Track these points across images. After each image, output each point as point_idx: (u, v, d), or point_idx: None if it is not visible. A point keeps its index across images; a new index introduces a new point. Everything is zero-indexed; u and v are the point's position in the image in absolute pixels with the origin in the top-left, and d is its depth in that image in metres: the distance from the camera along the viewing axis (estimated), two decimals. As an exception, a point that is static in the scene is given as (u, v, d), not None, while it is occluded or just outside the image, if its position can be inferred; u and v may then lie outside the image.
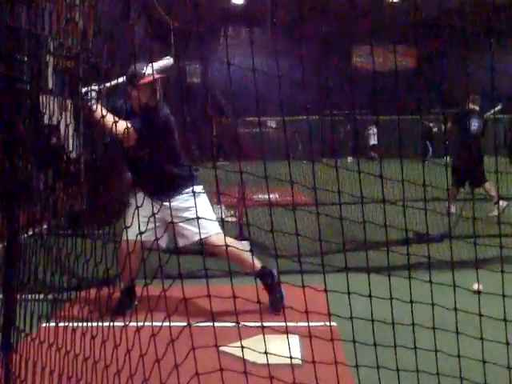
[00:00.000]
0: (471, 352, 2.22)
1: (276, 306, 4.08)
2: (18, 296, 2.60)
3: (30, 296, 2.67)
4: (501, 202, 7.67)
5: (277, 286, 4.14)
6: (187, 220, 3.74)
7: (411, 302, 2.12)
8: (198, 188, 4.23)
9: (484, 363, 2.16)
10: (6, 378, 2.46)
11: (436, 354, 2.18)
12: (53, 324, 2.47)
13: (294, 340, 3.36)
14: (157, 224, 3.28)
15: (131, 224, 2.33)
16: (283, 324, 2.39)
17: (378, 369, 2.12)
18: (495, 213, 7.58)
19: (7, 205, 2.55)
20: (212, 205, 4.47)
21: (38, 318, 2.56)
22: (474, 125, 8.34)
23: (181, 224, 3.82)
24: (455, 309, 2.15)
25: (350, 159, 19.85)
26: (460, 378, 2.18)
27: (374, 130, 24.82)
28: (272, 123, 24.19)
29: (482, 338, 2.14)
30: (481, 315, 2.14)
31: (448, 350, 2.17)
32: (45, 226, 2.85)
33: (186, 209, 4.06)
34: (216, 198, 6.62)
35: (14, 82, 2.58)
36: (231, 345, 2.73)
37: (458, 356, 2.16)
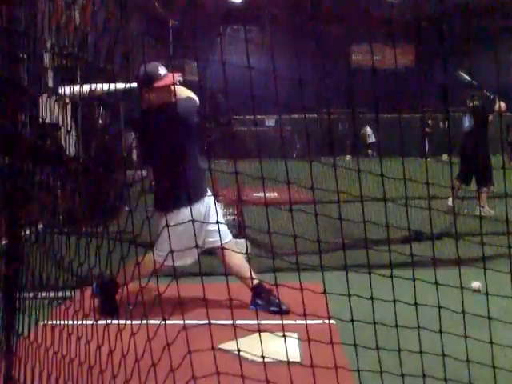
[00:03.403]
0: (460, 352, 2.22)
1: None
2: (18, 295, 2.60)
3: (27, 295, 2.67)
4: (485, 211, 7.73)
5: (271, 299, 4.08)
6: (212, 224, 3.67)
7: (415, 304, 2.12)
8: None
9: (494, 368, 2.13)
10: (5, 381, 2.47)
11: (420, 355, 2.19)
12: (49, 323, 2.47)
13: (293, 338, 3.36)
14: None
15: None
16: (281, 322, 2.39)
17: (381, 373, 2.11)
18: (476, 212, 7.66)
19: (7, 204, 2.54)
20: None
21: (35, 318, 2.55)
22: (466, 123, 8.45)
23: (209, 228, 3.90)
24: (463, 311, 2.13)
25: (348, 158, 19.90)
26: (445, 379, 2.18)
27: (369, 130, 24.90)
28: (270, 122, 24.19)
29: (491, 342, 2.12)
30: (489, 318, 2.12)
31: (436, 350, 2.17)
32: (41, 226, 2.84)
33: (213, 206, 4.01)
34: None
35: (11, 80, 2.57)
36: (228, 343, 2.73)
37: (443, 355, 2.16)
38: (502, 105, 7.82)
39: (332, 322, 2.44)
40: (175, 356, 2.06)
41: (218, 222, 2.92)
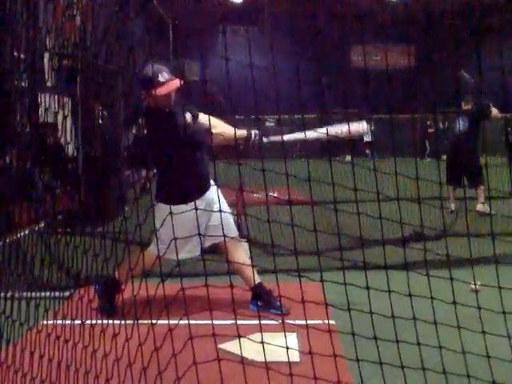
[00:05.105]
0: (466, 348, 2.23)
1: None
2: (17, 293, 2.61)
3: (28, 294, 2.68)
4: (484, 208, 7.71)
5: (271, 300, 4.07)
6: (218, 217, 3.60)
7: (426, 297, 2.12)
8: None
9: (489, 358, 2.14)
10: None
11: (417, 348, 2.19)
12: (51, 322, 2.48)
13: (292, 337, 3.36)
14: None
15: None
16: (280, 322, 2.39)
17: (382, 365, 2.11)
18: (479, 208, 7.68)
19: (2, 203, 2.55)
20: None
21: (35, 316, 2.56)
22: (460, 124, 8.50)
23: (210, 223, 3.88)
24: (453, 303, 2.14)
25: (348, 158, 19.89)
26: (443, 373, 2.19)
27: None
28: (271, 122, 24.16)
29: (483, 332, 2.13)
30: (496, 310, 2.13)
31: (433, 344, 2.17)
32: (42, 225, 2.85)
33: (217, 202, 3.84)
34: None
35: (9, 79, 2.58)
36: (229, 342, 2.73)
37: (440, 350, 2.16)
38: (495, 111, 7.96)
39: (331, 322, 2.44)
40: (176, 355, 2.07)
41: (220, 211, 2.90)
